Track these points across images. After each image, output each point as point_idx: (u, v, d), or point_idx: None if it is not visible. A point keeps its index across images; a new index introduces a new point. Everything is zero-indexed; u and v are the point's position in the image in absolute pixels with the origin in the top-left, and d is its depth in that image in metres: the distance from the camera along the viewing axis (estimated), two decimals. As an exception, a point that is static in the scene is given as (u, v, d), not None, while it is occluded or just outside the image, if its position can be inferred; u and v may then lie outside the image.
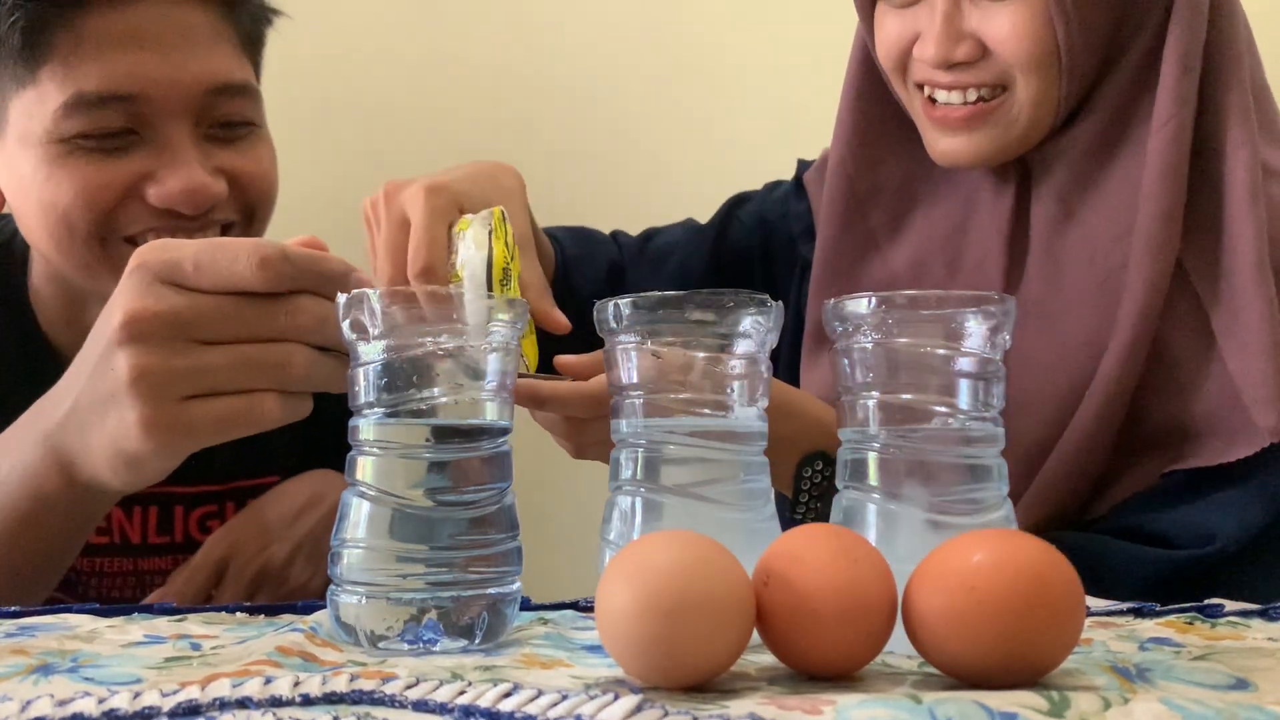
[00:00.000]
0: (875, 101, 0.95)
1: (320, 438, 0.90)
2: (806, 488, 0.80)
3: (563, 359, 0.78)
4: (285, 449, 0.98)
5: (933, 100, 0.87)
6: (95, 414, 0.62)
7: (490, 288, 0.71)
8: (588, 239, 1.07)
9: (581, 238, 1.06)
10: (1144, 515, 0.82)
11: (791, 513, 0.80)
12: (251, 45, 0.92)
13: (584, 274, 1.02)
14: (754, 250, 1.06)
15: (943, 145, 0.87)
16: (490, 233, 0.72)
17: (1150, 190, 0.82)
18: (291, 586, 0.91)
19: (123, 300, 0.61)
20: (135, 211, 0.85)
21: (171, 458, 0.63)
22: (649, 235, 1.10)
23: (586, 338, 0.98)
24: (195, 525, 0.98)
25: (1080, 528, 0.84)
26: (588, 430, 0.76)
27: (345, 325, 0.55)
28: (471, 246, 0.72)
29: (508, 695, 0.42)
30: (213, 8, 0.87)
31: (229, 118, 0.88)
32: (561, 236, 1.04)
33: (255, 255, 0.60)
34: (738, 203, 1.09)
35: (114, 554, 0.97)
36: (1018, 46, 0.82)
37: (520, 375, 0.60)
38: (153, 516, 0.97)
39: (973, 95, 0.85)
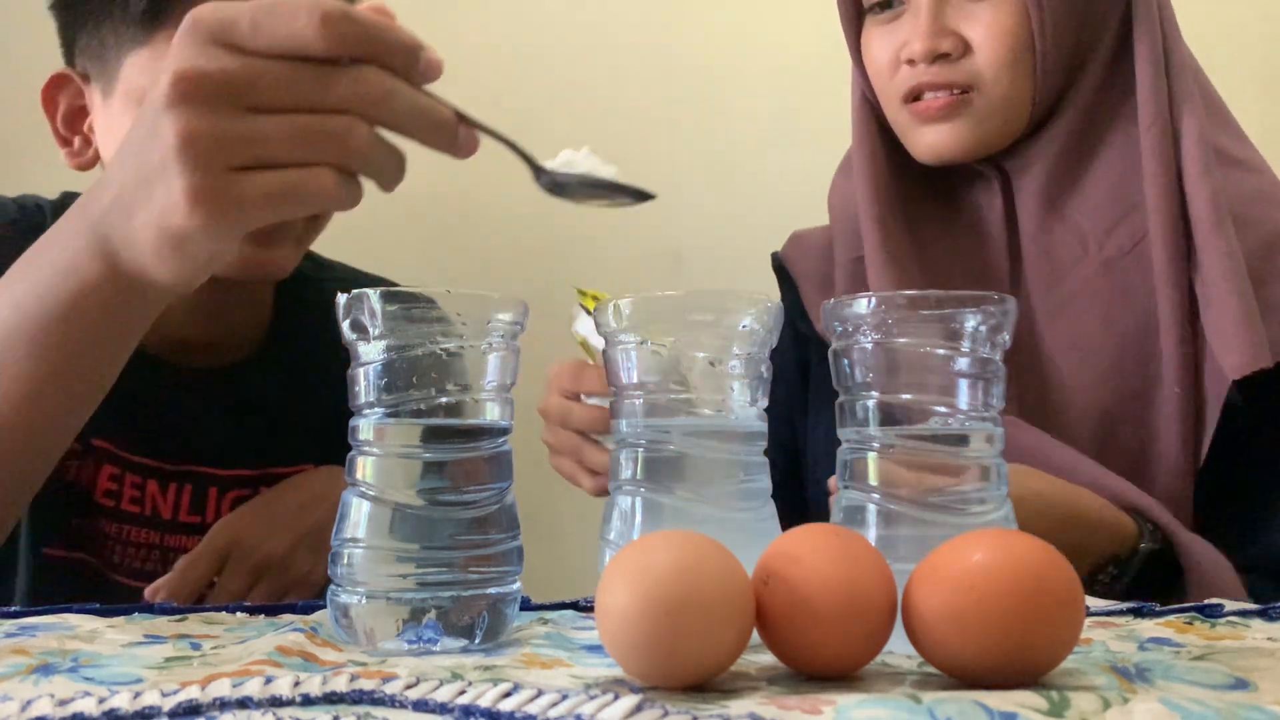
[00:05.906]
0: (886, 152, 0.99)
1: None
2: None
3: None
4: (319, 438, 0.97)
5: (917, 98, 0.92)
6: (142, 190, 0.57)
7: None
8: None
9: None
10: None
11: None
12: None
13: None
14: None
15: (928, 139, 0.92)
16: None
17: (1153, 176, 0.88)
18: (293, 577, 0.92)
19: (172, 63, 0.55)
20: None
21: (218, 237, 0.57)
22: None
23: None
24: (227, 508, 0.99)
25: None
26: (555, 457, 0.82)
27: (345, 325, 0.55)
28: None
29: (508, 695, 0.42)
30: None
31: None
32: None
33: (316, 12, 0.54)
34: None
35: (143, 525, 0.98)
36: (999, 44, 0.89)
37: None
38: (186, 495, 0.99)
39: (945, 92, 0.91)
